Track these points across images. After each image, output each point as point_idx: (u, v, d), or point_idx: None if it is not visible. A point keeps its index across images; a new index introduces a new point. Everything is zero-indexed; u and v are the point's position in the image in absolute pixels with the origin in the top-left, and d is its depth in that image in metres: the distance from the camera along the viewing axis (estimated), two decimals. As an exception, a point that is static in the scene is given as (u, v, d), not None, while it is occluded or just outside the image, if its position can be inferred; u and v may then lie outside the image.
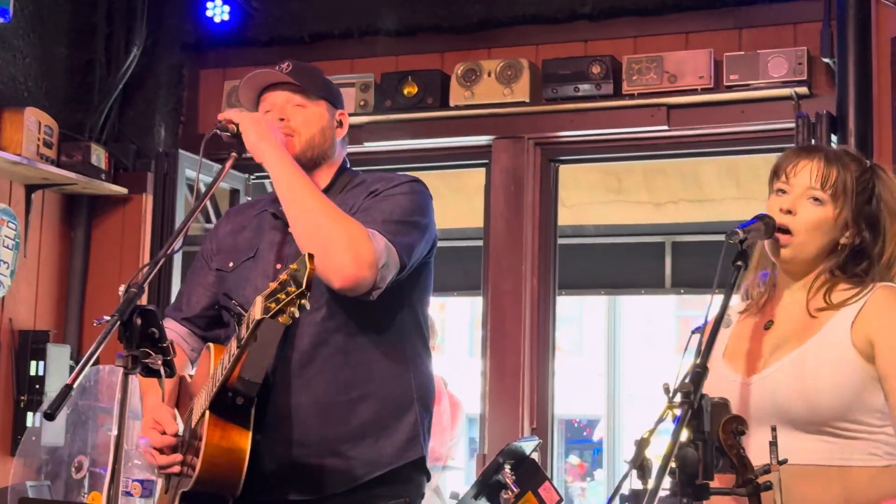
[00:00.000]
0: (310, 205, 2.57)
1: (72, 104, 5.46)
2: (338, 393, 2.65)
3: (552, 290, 5.17)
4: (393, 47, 5.43)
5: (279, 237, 2.76)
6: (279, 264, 2.71)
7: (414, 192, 2.75)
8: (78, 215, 5.50)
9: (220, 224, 2.96)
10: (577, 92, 4.99)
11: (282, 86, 2.79)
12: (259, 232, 2.82)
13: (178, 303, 2.92)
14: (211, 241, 2.92)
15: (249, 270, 2.75)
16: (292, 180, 2.59)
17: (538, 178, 5.20)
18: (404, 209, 2.68)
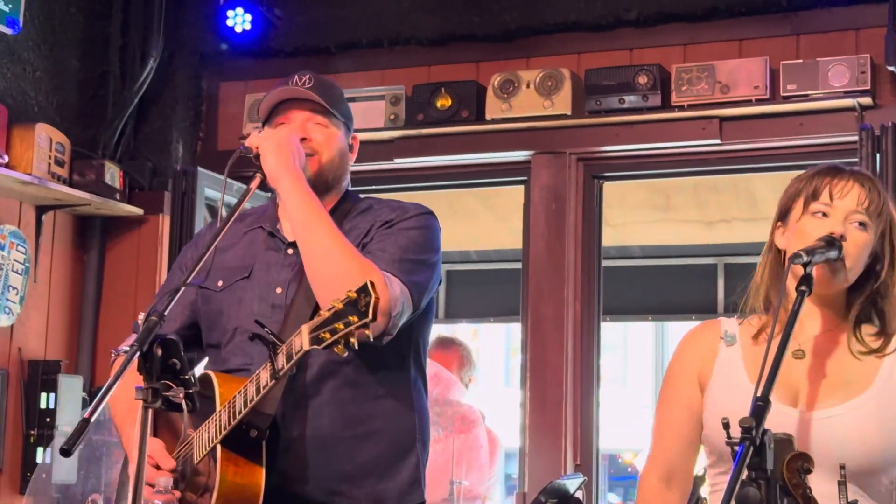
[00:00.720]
0: (326, 244, 2.60)
1: (84, 119, 5.50)
2: (343, 428, 2.68)
3: (596, 315, 5.15)
4: (425, 57, 5.44)
5: (277, 259, 2.79)
6: (279, 288, 2.74)
7: (428, 227, 2.80)
8: (91, 238, 5.53)
9: (203, 238, 2.96)
10: (623, 104, 4.98)
11: (303, 101, 2.81)
12: (251, 250, 2.84)
13: None
14: (193, 257, 2.91)
15: (243, 291, 2.78)
16: (308, 215, 2.63)
17: (581, 196, 5.19)
18: (419, 246, 2.74)
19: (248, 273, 2.79)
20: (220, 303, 2.79)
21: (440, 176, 5.50)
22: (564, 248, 5.14)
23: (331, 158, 2.82)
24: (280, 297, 2.73)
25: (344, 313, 2.28)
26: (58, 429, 5.08)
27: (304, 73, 2.85)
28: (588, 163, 5.21)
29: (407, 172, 5.50)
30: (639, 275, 7.34)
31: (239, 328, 2.74)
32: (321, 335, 2.30)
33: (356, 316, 2.27)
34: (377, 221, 2.79)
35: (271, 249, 2.81)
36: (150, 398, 2.18)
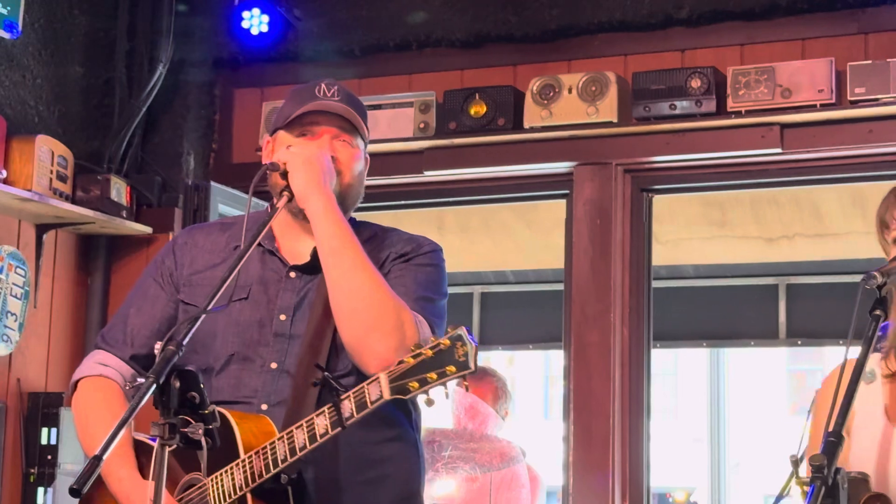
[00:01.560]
0: (359, 276, 2.63)
1: (88, 131, 5.55)
2: (356, 472, 2.71)
3: (646, 341, 5.14)
4: (457, 60, 5.46)
5: (276, 281, 2.81)
6: (283, 315, 2.76)
7: (441, 266, 2.88)
8: (95, 259, 5.57)
9: (181, 248, 2.95)
10: (674, 110, 4.98)
11: (332, 116, 2.83)
12: (246, 268, 2.83)
13: (121, 334, 2.90)
14: (174, 267, 2.92)
15: (240, 314, 2.79)
16: (340, 243, 2.66)
17: (628, 211, 5.19)
18: (436, 284, 2.81)
19: (246, 294, 2.81)
20: (213, 324, 2.79)
21: (474, 189, 5.51)
22: (610, 268, 5.13)
23: (352, 181, 2.85)
24: (283, 326, 2.76)
25: (435, 363, 2.32)
26: (60, 467, 5.10)
27: (330, 84, 2.87)
28: (636, 174, 5.21)
29: (437, 186, 5.51)
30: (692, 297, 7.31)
31: (237, 355, 2.75)
32: (408, 385, 2.35)
33: (454, 366, 2.32)
34: (392, 253, 2.83)
35: (270, 269, 2.83)
36: (167, 435, 2.19)
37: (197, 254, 2.91)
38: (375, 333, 2.57)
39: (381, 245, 2.86)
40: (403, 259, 2.81)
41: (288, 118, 2.86)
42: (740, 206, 6.64)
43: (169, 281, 2.91)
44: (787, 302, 7.03)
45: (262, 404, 2.71)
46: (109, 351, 2.89)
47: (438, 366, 2.34)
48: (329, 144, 2.82)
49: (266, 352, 2.74)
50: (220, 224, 2.99)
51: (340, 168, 2.81)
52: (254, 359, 2.74)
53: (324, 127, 2.84)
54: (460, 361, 2.33)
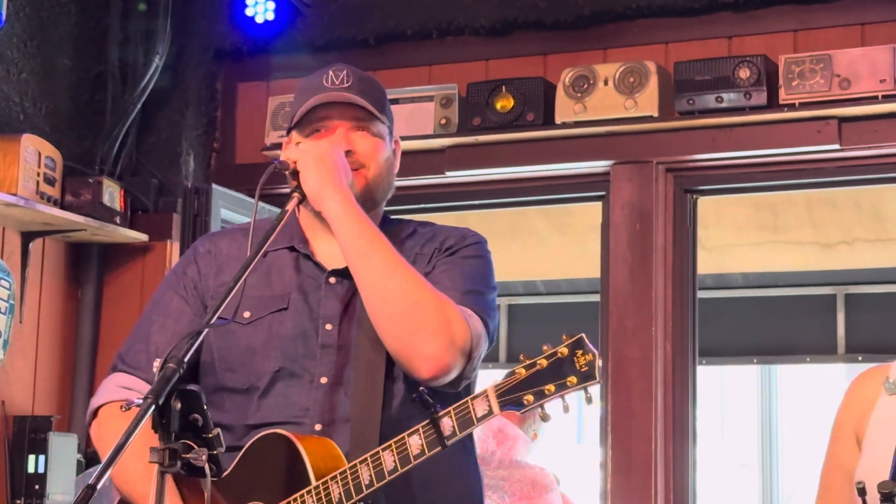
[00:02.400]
0: (394, 276, 2.63)
1: (78, 129, 5.56)
2: (412, 498, 2.70)
3: (690, 357, 5.13)
4: (482, 50, 5.47)
5: (315, 288, 2.80)
6: (329, 325, 2.75)
7: (488, 258, 2.87)
8: (87, 269, 5.58)
9: (204, 256, 2.93)
10: (720, 103, 4.97)
11: (344, 106, 2.83)
12: (281, 275, 2.84)
13: (145, 354, 2.88)
14: (196, 278, 2.90)
15: (280, 326, 2.78)
16: (366, 243, 2.66)
17: (670, 214, 5.18)
18: (484, 277, 2.80)
19: (285, 304, 2.80)
20: (248, 338, 2.78)
21: (501, 192, 5.52)
22: (651, 277, 5.12)
23: (378, 172, 2.84)
24: (331, 336, 2.74)
25: (552, 373, 2.33)
26: (48, 497, 5.10)
27: (339, 69, 2.85)
28: (679, 174, 5.20)
29: (461, 188, 5.51)
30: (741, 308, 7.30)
31: (282, 371, 2.74)
32: (522, 398, 2.36)
33: (574, 377, 2.33)
34: (436, 249, 2.82)
35: (307, 276, 2.82)
36: (167, 461, 2.19)
37: (223, 262, 2.89)
38: (421, 335, 2.57)
39: (423, 240, 2.86)
40: (448, 252, 2.80)
41: (296, 117, 2.86)
42: (794, 209, 6.62)
43: (194, 293, 2.88)
44: (846, 314, 7.01)
45: (316, 424, 2.68)
46: (132, 374, 2.86)
47: (557, 377, 2.35)
48: (345, 138, 2.81)
49: (314, 366, 2.72)
50: (243, 230, 2.97)
51: (363, 161, 2.81)
52: (301, 374, 2.72)
53: (336, 121, 2.83)
54: (582, 372, 2.33)
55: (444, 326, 2.58)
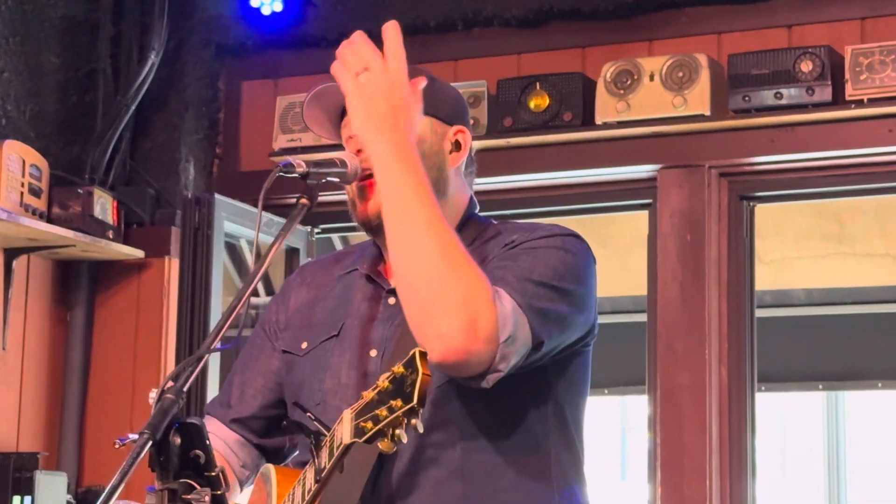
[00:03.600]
0: (424, 237, 2.47)
1: (66, 134, 5.57)
2: None
3: (749, 383, 5.12)
4: (513, 42, 5.47)
5: (374, 309, 2.76)
6: (374, 350, 2.71)
7: (568, 251, 2.69)
8: (76, 289, 5.59)
9: (291, 286, 2.95)
10: (780, 99, 4.96)
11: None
12: (344, 300, 2.81)
13: (227, 396, 2.91)
14: (278, 311, 2.92)
15: (330, 355, 2.75)
16: (406, 194, 2.50)
17: (725, 224, 5.17)
18: (552, 269, 2.61)
19: (336, 331, 2.77)
20: (302, 371, 2.78)
21: (533, 200, 5.52)
22: (704, 294, 5.10)
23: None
24: (374, 362, 2.70)
25: (388, 394, 2.25)
26: (35, 542, 5.11)
27: None
28: (734, 179, 5.19)
29: (490, 196, 5.48)
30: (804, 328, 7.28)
31: (323, 403, 2.71)
32: (361, 425, 2.28)
33: (400, 399, 2.23)
34: (500, 245, 2.69)
35: (370, 299, 2.78)
36: (165, 503, 2.18)
37: (302, 289, 2.90)
38: (437, 308, 2.43)
39: (499, 241, 2.73)
40: (510, 246, 2.66)
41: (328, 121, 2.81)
42: (862, 217, 6.60)
43: (275, 328, 2.89)
44: (923, 334, 6.99)
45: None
46: (213, 415, 2.90)
47: (390, 399, 2.26)
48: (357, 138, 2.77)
49: (353, 397, 2.58)
50: (339, 255, 2.95)
51: None
52: (340, 406, 2.59)
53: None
54: (406, 392, 2.23)
55: (466, 303, 2.42)
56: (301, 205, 2.61)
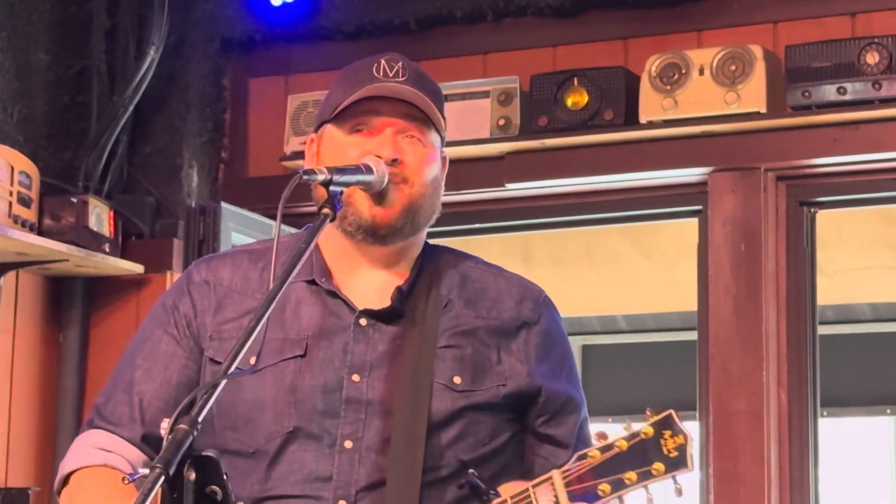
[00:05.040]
0: None
1: (58, 138, 5.59)
2: None
3: (811, 408, 5.12)
4: (548, 34, 5.48)
5: (342, 329, 2.81)
6: (356, 375, 2.76)
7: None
8: (70, 307, 5.60)
9: (201, 287, 2.92)
10: (843, 95, 4.96)
11: (396, 103, 2.84)
12: (296, 314, 2.84)
13: (126, 406, 2.85)
14: (190, 314, 2.90)
15: (295, 377, 2.78)
16: None
17: (783, 233, 5.18)
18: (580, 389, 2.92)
19: (302, 350, 2.80)
20: (255, 391, 2.78)
21: (572, 208, 5.53)
22: (761, 310, 5.11)
23: (423, 191, 2.83)
24: (358, 389, 2.75)
25: (633, 458, 2.36)
26: (26, 587, 5.13)
27: (394, 59, 2.85)
28: (793, 183, 5.20)
29: (523, 203, 5.51)
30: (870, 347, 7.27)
31: (298, 431, 2.74)
32: (597, 488, 2.39)
33: (662, 464, 2.35)
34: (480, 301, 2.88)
35: (332, 316, 2.83)
36: (179, 543, 2.20)
37: (224, 295, 2.89)
38: None
39: (469, 294, 2.90)
40: (546, 349, 2.89)
41: (336, 108, 2.85)
42: (934, 224, 6.59)
43: (186, 332, 2.88)
44: None
45: (340, 500, 2.69)
46: (111, 431, 2.84)
47: (639, 463, 2.36)
48: (392, 143, 2.81)
49: (335, 425, 2.72)
50: (247, 252, 2.97)
51: (408, 175, 2.80)
52: (320, 436, 2.72)
53: (385, 118, 2.82)
54: (671, 458, 2.35)
55: None
56: (324, 215, 2.66)
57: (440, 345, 2.79)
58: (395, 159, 2.79)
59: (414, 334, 2.78)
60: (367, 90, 2.80)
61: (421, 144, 2.84)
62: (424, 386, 2.72)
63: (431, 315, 2.81)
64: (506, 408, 2.80)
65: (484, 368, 2.80)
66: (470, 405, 2.76)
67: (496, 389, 2.79)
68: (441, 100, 2.91)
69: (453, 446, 2.73)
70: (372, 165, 2.73)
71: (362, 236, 2.80)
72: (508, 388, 2.80)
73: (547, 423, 2.84)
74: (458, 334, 2.82)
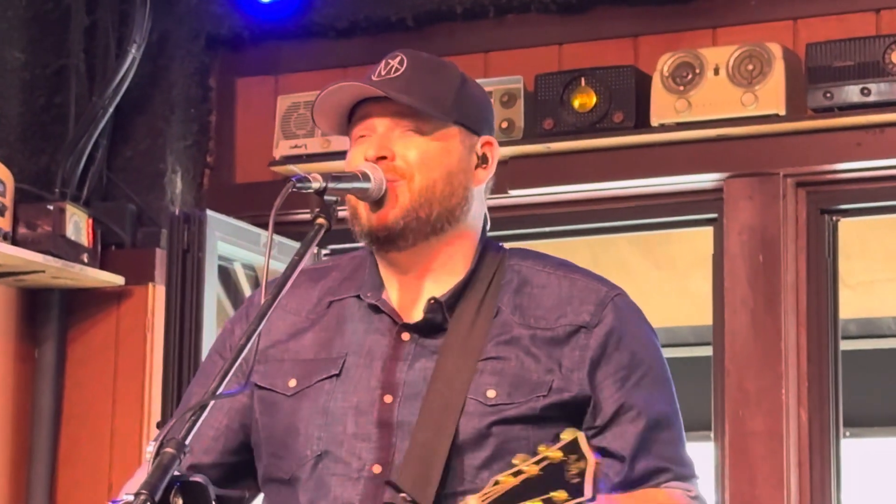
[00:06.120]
0: None
1: (33, 142, 5.59)
2: None
3: (833, 428, 5.12)
4: (554, 31, 5.49)
5: (383, 346, 2.80)
6: (388, 396, 2.75)
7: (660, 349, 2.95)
8: (46, 322, 5.59)
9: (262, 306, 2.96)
10: (867, 96, 4.96)
11: (386, 100, 2.83)
12: (340, 332, 2.85)
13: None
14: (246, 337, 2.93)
15: (329, 398, 2.78)
16: None
17: (803, 242, 5.18)
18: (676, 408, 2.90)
19: (337, 369, 2.80)
20: (292, 414, 2.79)
21: (579, 216, 5.54)
22: (780, 324, 5.11)
23: (428, 183, 2.80)
24: (388, 411, 2.74)
25: (542, 483, 2.31)
26: None
27: (394, 55, 2.84)
28: (813, 189, 5.20)
29: (527, 210, 5.51)
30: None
31: (327, 454, 2.74)
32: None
33: (564, 491, 2.29)
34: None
35: (376, 333, 2.82)
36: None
37: (276, 317, 2.86)
38: None
39: (529, 307, 2.85)
40: (620, 371, 2.82)
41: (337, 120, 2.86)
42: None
43: (244, 362, 2.85)
44: None
45: None
46: None
47: (544, 489, 2.31)
48: (378, 140, 2.80)
49: (365, 450, 2.72)
50: (314, 272, 2.98)
51: (403, 170, 2.78)
52: (349, 460, 2.72)
53: (375, 118, 2.83)
54: (572, 484, 2.29)
55: None
56: (318, 225, 2.66)
57: (482, 357, 2.75)
58: (383, 157, 2.77)
59: (455, 348, 2.76)
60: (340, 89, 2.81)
61: (418, 136, 2.81)
62: (454, 404, 2.71)
63: (480, 326, 2.79)
64: (552, 420, 2.72)
65: (526, 380, 2.74)
66: (500, 420, 2.71)
67: (534, 402, 2.73)
68: (451, 87, 2.85)
69: (488, 467, 2.69)
70: (369, 172, 2.73)
71: (374, 246, 2.81)
72: (550, 400, 2.73)
73: (601, 433, 2.77)
74: (500, 344, 2.77)
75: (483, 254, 2.88)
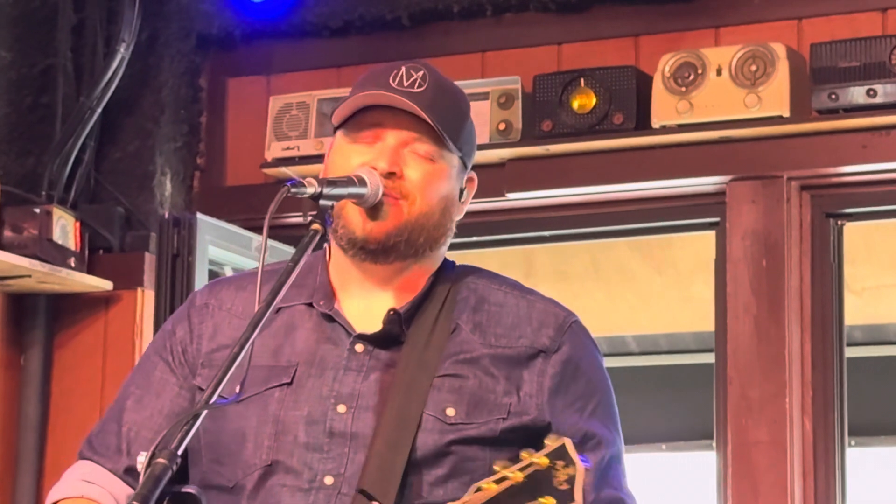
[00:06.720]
0: None
1: (19, 143, 5.59)
2: None
3: (838, 438, 5.13)
4: (552, 30, 5.50)
5: (336, 355, 2.82)
6: (341, 405, 2.77)
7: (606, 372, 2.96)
8: (32, 327, 5.60)
9: (203, 311, 2.95)
10: (873, 97, 4.97)
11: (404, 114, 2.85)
12: (290, 340, 2.85)
13: (115, 437, 2.89)
14: (187, 339, 2.92)
15: (279, 406, 2.79)
16: None
17: (807, 247, 5.18)
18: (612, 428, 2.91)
19: (289, 378, 2.81)
20: (238, 421, 2.80)
21: (578, 219, 5.54)
22: (784, 331, 5.11)
23: (427, 210, 2.82)
24: (342, 421, 2.76)
25: (528, 490, 2.32)
26: None
27: (416, 68, 2.81)
28: (818, 193, 5.21)
29: (525, 214, 5.52)
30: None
31: (277, 464, 2.75)
32: None
33: (552, 497, 2.31)
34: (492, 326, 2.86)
35: (327, 341, 2.83)
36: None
37: (221, 320, 2.90)
38: None
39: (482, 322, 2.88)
40: (574, 400, 2.86)
41: (343, 113, 2.86)
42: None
43: (182, 360, 2.90)
44: None
45: None
46: (97, 461, 2.87)
47: (530, 496, 2.33)
48: (391, 154, 2.82)
49: (317, 460, 2.73)
50: (255, 275, 2.99)
51: (409, 191, 2.79)
52: (300, 470, 2.73)
53: (390, 129, 2.83)
54: (561, 490, 2.32)
55: None
56: (313, 231, 2.67)
57: (439, 373, 2.78)
58: (392, 173, 2.78)
59: (412, 362, 2.78)
60: (368, 97, 2.80)
61: (428, 161, 2.82)
62: (412, 417, 2.72)
63: (436, 341, 2.80)
64: (509, 443, 2.74)
65: (485, 401, 2.77)
66: (459, 439, 2.74)
67: (494, 423, 2.76)
68: (462, 117, 2.89)
69: (444, 485, 2.72)
70: (365, 177, 2.74)
71: (354, 252, 2.81)
72: (510, 423, 2.77)
73: None
74: (459, 363, 2.80)
75: (439, 270, 2.91)
